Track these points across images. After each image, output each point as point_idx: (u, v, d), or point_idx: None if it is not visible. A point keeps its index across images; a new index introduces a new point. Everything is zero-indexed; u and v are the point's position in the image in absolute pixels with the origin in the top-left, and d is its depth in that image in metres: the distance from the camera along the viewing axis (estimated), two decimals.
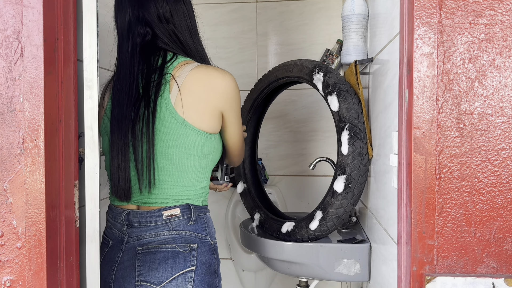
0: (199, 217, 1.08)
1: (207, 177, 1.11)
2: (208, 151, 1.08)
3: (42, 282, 0.81)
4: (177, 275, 1.01)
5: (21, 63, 0.80)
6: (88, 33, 0.93)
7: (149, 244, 1.04)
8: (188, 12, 1.12)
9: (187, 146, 1.04)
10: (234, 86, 1.09)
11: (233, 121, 1.12)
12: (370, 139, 1.28)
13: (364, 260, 1.31)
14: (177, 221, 1.05)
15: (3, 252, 0.81)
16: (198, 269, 1.03)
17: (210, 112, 1.06)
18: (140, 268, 1.03)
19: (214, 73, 1.06)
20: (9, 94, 0.80)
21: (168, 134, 1.04)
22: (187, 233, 1.05)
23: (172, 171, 1.05)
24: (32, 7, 0.79)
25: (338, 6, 2.00)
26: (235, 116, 1.12)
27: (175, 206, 1.05)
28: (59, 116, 0.85)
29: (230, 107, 1.09)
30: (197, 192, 1.09)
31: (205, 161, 1.08)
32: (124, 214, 1.08)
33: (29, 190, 0.80)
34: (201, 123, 1.05)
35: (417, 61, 0.75)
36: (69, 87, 0.89)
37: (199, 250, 1.04)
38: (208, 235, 1.08)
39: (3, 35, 0.80)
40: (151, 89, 1.04)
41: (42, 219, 0.80)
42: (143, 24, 1.09)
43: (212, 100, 1.05)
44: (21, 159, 0.80)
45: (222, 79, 1.06)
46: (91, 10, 0.92)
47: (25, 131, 0.80)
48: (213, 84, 1.05)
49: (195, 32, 1.14)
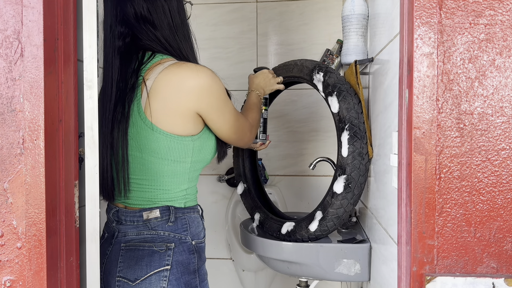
0: (180, 218, 1.08)
1: (189, 179, 1.10)
2: (184, 154, 1.05)
3: (42, 282, 0.81)
4: (152, 274, 1.03)
5: (21, 63, 0.80)
6: (88, 33, 0.93)
7: (131, 241, 1.07)
8: (169, 8, 1.06)
9: (159, 151, 1.03)
10: (208, 82, 1.02)
11: (217, 118, 1.06)
12: (370, 139, 1.28)
13: (364, 260, 1.31)
14: (156, 221, 1.06)
15: (3, 252, 0.81)
16: (173, 268, 1.04)
17: (182, 114, 1.02)
18: (121, 265, 1.05)
19: (184, 72, 1.01)
20: (9, 94, 0.80)
21: (140, 140, 1.04)
22: (165, 233, 1.06)
23: (147, 175, 1.06)
24: (32, 7, 0.79)
25: (338, 6, 2.00)
26: (218, 112, 1.06)
27: (155, 208, 1.06)
28: (59, 116, 0.85)
29: (208, 105, 1.03)
30: (177, 195, 1.08)
31: (182, 164, 1.06)
32: (114, 211, 1.11)
33: (29, 190, 0.80)
34: (173, 127, 1.02)
35: (417, 61, 0.75)
36: (69, 87, 0.89)
37: (175, 250, 1.05)
38: (189, 235, 1.08)
39: (3, 35, 0.80)
40: (127, 94, 1.03)
41: (42, 219, 0.81)
42: (122, 24, 1.06)
43: (183, 101, 1.01)
44: (21, 159, 0.80)
45: (193, 78, 1.01)
46: (91, 10, 0.92)
47: (25, 131, 0.80)
48: (183, 84, 1.01)
49: (178, 29, 1.08)
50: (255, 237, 1.44)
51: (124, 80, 1.05)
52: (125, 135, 1.04)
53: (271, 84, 1.40)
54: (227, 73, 2.08)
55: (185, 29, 1.09)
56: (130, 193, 1.08)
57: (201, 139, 1.08)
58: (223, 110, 1.07)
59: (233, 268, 2.15)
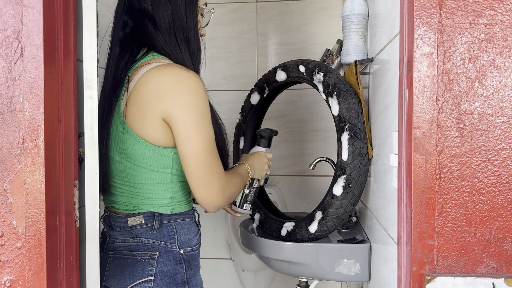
0: (166, 225, 1.01)
1: (172, 189, 1.01)
2: (162, 165, 0.97)
3: (42, 282, 0.81)
4: (134, 284, 0.97)
5: (21, 63, 0.80)
6: (88, 33, 0.93)
7: (118, 249, 1.02)
8: (174, 9, 0.99)
9: (135, 157, 0.97)
10: (188, 90, 0.91)
11: (178, 128, 0.92)
12: (370, 139, 1.28)
13: (364, 260, 1.31)
14: (140, 228, 1.00)
15: (3, 252, 0.81)
16: (157, 279, 0.97)
17: (159, 122, 0.93)
18: (107, 273, 1.01)
19: (164, 76, 0.93)
20: (9, 94, 0.80)
21: (118, 143, 0.98)
22: (149, 241, 1.00)
23: (127, 181, 1.00)
24: (32, 7, 0.79)
25: (338, 6, 2.00)
26: (181, 123, 0.92)
27: (139, 214, 1.00)
28: (59, 116, 0.85)
29: (174, 113, 0.91)
30: (162, 202, 1.01)
31: (161, 174, 0.98)
32: (106, 215, 1.07)
33: (29, 190, 0.80)
34: (149, 135, 0.94)
35: (417, 61, 0.75)
36: (69, 87, 0.89)
37: (160, 260, 0.98)
38: (176, 243, 1.00)
39: (3, 35, 0.80)
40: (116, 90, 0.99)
41: (42, 219, 0.80)
42: (126, 14, 1.02)
43: (154, 105, 0.92)
44: (21, 159, 0.80)
45: (172, 81, 0.92)
46: (91, 10, 0.92)
47: (25, 131, 0.80)
48: (159, 86, 0.92)
49: (180, 31, 1.00)
50: (255, 237, 1.44)
51: (116, 74, 1.01)
52: (108, 135, 0.99)
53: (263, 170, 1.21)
54: (227, 73, 2.08)
55: (190, 33, 1.01)
56: (114, 197, 1.03)
57: None
58: (197, 130, 0.92)
59: (233, 268, 2.15)
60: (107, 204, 1.08)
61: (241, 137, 1.61)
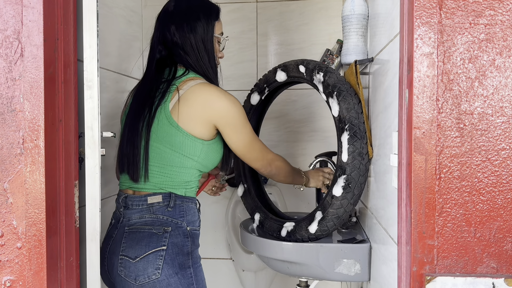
0: (179, 205, 1.24)
1: (191, 175, 1.26)
2: (193, 152, 1.24)
3: (42, 282, 0.81)
4: (150, 253, 1.16)
5: (21, 63, 0.80)
6: (88, 33, 0.93)
7: (135, 225, 1.22)
8: (195, 39, 1.29)
9: (175, 144, 1.22)
10: (230, 106, 1.24)
11: (232, 134, 1.27)
12: (370, 139, 1.28)
13: (364, 260, 1.31)
14: (158, 206, 1.22)
15: (3, 252, 0.81)
16: (169, 249, 1.18)
17: (202, 122, 1.23)
18: (124, 245, 1.19)
19: (213, 92, 1.23)
20: (9, 94, 0.80)
21: (161, 133, 1.22)
22: (164, 217, 1.21)
23: (159, 162, 1.23)
24: (32, 7, 0.79)
25: (338, 6, 2.00)
26: (233, 131, 1.26)
27: (159, 193, 1.23)
28: (59, 116, 0.85)
29: (226, 123, 1.24)
30: (180, 184, 1.25)
31: (190, 160, 1.24)
32: (123, 197, 1.26)
33: (29, 190, 0.80)
34: (191, 129, 1.22)
35: (417, 61, 0.75)
36: (69, 87, 0.89)
37: (172, 233, 1.19)
38: (185, 221, 1.23)
39: (3, 35, 0.80)
40: (156, 96, 1.24)
41: (42, 219, 0.81)
42: (161, 44, 1.31)
43: (206, 113, 1.22)
44: (21, 159, 0.80)
45: (219, 98, 1.23)
46: (91, 10, 0.92)
47: (25, 131, 0.80)
48: (210, 100, 1.22)
49: (203, 57, 1.30)
50: (255, 237, 1.44)
51: (158, 86, 1.26)
52: (148, 128, 1.22)
53: (318, 180, 1.53)
54: (227, 73, 2.08)
55: (209, 57, 1.31)
56: (142, 178, 1.24)
57: (210, 146, 1.26)
58: (238, 130, 1.27)
59: (233, 268, 2.15)
60: (125, 187, 1.28)
61: None
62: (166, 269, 1.16)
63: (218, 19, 1.35)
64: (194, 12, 1.31)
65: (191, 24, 1.29)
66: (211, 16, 1.32)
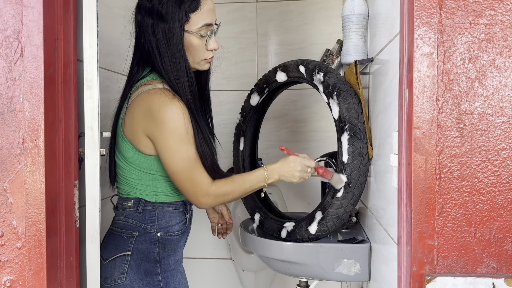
0: (149, 210, 1.19)
1: (159, 185, 1.19)
2: (148, 167, 1.17)
3: (42, 282, 0.81)
4: (116, 256, 1.17)
5: (21, 63, 0.80)
6: (88, 33, 0.93)
7: (114, 225, 1.23)
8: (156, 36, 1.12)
9: (127, 158, 1.18)
10: (167, 118, 1.07)
11: (161, 151, 1.11)
12: (370, 139, 1.28)
13: (364, 260, 1.31)
14: (129, 210, 1.20)
15: (3, 252, 0.81)
16: (134, 255, 1.17)
17: (140, 134, 1.13)
18: (102, 245, 1.20)
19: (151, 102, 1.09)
20: (9, 94, 0.80)
21: (118, 143, 1.20)
22: (134, 222, 1.19)
23: (123, 175, 1.21)
24: (32, 7, 0.79)
25: (338, 6, 2.00)
26: (163, 147, 1.10)
27: (130, 198, 1.20)
28: (59, 116, 0.85)
29: (156, 137, 1.10)
30: (149, 193, 1.19)
31: (148, 175, 1.18)
32: (115, 197, 1.28)
33: (29, 190, 0.80)
34: (138, 144, 1.14)
35: (417, 61, 0.75)
36: (69, 87, 0.89)
37: (138, 239, 1.17)
38: (155, 227, 1.18)
39: (3, 35, 0.80)
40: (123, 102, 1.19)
41: (42, 219, 0.81)
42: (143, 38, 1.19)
43: (142, 124, 1.11)
44: (21, 159, 0.80)
45: (155, 111, 1.08)
46: (91, 10, 0.92)
47: (25, 131, 0.80)
48: (147, 111, 1.10)
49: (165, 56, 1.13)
50: (255, 237, 1.44)
51: (125, 89, 1.21)
52: (113, 135, 1.21)
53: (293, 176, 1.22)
54: (227, 73, 2.08)
55: (173, 57, 1.13)
56: (117, 184, 1.26)
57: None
58: (169, 149, 1.10)
59: (233, 268, 2.15)
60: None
61: (241, 137, 1.61)
62: (130, 274, 1.16)
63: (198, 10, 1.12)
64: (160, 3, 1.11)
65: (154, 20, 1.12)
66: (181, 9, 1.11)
